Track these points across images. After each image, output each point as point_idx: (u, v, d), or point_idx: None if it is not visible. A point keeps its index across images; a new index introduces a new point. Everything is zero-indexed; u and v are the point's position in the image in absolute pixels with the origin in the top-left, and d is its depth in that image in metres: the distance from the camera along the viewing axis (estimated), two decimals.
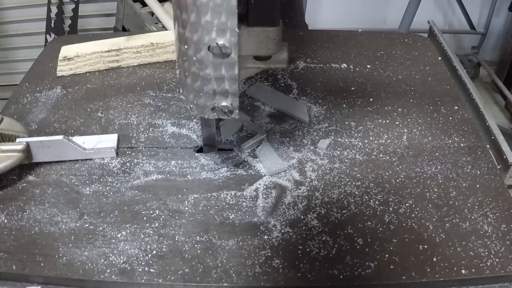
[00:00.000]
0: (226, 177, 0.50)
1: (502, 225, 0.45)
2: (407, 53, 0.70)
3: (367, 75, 0.65)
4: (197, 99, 0.42)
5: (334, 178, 0.50)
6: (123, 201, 0.47)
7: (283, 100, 0.60)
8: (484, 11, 2.06)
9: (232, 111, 0.42)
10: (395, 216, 0.46)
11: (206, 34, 0.38)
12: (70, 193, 0.47)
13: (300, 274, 0.41)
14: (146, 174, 0.50)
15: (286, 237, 0.44)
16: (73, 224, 0.44)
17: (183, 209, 0.46)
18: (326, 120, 0.57)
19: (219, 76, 0.40)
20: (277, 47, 0.43)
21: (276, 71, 0.65)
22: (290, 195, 0.48)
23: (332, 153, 0.53)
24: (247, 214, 0.46)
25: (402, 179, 0.50)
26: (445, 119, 0.58)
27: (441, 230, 0.44)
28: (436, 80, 0.65)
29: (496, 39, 2.18)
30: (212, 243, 0.43)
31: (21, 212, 0.45)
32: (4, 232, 0.43)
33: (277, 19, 0.41)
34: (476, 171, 0.51)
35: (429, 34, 0.75)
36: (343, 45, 0.71)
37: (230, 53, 0.39)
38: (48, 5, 1.47)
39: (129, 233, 0.44)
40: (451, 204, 0.47)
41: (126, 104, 0.59)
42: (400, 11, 1.72)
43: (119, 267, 0.41)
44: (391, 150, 0.53)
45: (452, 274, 0.41)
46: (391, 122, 0.57)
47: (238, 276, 0.40)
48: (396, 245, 0.43)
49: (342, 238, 0.44)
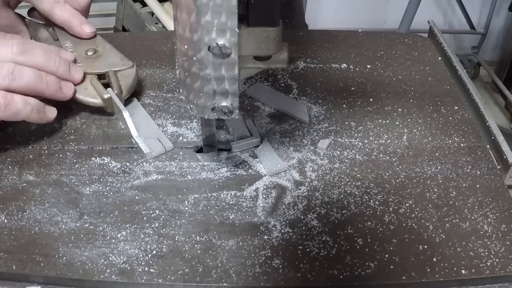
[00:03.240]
0: (226, 177, 0.50)
1: (502, 225, 0.45)
2: (407, 53, 0.70)
3: (367, 75, 0.65)
4: (197, 99, 0.42)
5: (334, 178, 0.50)
6: (123, 201, 0.47)
7: (283, 100, 0.60)
8: (484, 11, 2.06)
9: (232, 111, 0.42)
10: (395, 216, 0.46)
11: (206, 34, 0.38)
12: (70, 193, 0.47)
13: (300, 274, 0.41)
14: (146, 174, 0.50)
15: (286, 237, 0.44)
16: (73, 224, 0.44)
17: (183, 209, 0.46)
18: (326, 120, 0.57)
19: (219, 76, 0.40)
20: (277, 47, 0.43)
21: (276, 71, 0.65)
22: (290, 195, 0.48)
23: (332, 153, 0.53)
24: (247, 214, 0.46)
25: (402, 179, 0.50)
26: (445, 119, 0.58)
27: (441, 230, 0.44)
28: (436, 80, 0.65)
29: (496, 39, 2.18)
30: (212, 243, 0.43)
31: (21, 212, 0.45)
32: (4, 232, 0.44)
33: (277, 19, 0.41)
34: (476, 171, 0.51)
35: (429, 34, 0.75)
36: (343, 45, 0.71)
37: (230, 53, 0.39)
38: None
39: (129, 233, 0.44)
40: (451, 204, 0.47)
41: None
42: (400, 11, 1.72)
43: (119, 267, 0.41)
44: (391, 150, 0.53)
45: (452, 274, 0.41)
46: (391, 122, 0.57)
47: (238, 276, 0.40)
48: (396, 245, 0.43)
49: (342, 238, 0.44)
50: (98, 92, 0.55)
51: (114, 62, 0.58)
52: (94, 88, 0.55)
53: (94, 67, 0.57)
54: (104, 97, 0.54)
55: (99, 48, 0.59)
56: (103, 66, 0.57)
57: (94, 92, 0.55)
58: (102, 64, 0.57)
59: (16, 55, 0.49)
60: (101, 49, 0.59)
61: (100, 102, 0.55)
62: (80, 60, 0.57)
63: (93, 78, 0.56)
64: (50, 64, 0.51)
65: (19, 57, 0.49)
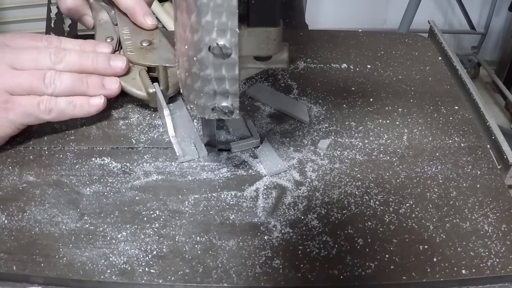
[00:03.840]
0: (227, 178, 0.50)
1: (502, 225, 0.45)
2: (408, 53, 0.70)
3: (368, 75, 0.65)
4: (198, 99, 0.42)
5: (335, 178, 0.50)
6: (123, 202, 0.47)
7: (283, 100, 0.60)
8: (484, 11, 2.06)
9: (233, 112, 0.42)
10: (396, 216, 0.46)
11: (206, 34, 0.38)
12: (70, 194, 0.47)
13: (300, 275, 0.41)
14: (146, 174, 0.50)
15: (287, 237, 0.44)
16: (74, 224, 0.44)
17: (183, 209, 0.46)
18: (326, 120, 0.57)
19: (219, 76, 0.40)
20: (278, 48, 0.43)
21: (276, 71, 0.65)
22: (290, 196, 0.48)
23: (332, 153, 0.53)
24: (247, 214, 0.46)
25: (403, 179, 0.50)
26: (446, 119, 0.58)
27: (441, 230, 0.44)
28: (436, 80, 0.65)
29: (496, 39, 2.18)
30: (212, 243, 0.43)
31: (21, 212, 0.45)
32: (5, 232, 0.44)
33: (277, 19, 0.41)
34: (477, 171, 0.51)
35: (430, 34, 0.75)
36: (343, 45, 0.71)
37: (230, 53, 0.39)
38: (48, 5, 1.46)
39: (130, 234, 0.44)
40: (451, 204, 0.47)
41: (127, 104, 0.59)
42: (400, 11, 1.72)
43: (119, 267, 0.41)
44: (392, 150, 0.53)
45: (453, 274, 0.41)
46: (392, 122, 0.57)
47: (239, 277, 0.40)
48: (397, 245, 0.43)
49: (342, 238, 0.44)
50: (144, 85, 0.54)
51: (167, 57, 0.57)
52: (142, 80, 0.55)
53: (146, 59, 0.56)
54: (149, 91, 0.54)
55: (155, 40, 0.59)
56: (154, 59, 0.56)
57: (140, 84, 0.55)
58: (154, 57, 0.57)
59: (55, 63, 0.52)
60: (157, 42, 0.58)
61: (145, 95, 0.54)
62: (133, 49, 0.57)
63: (142, 70, 0.55)
64: (88, 64, 0.54)
65: (57, 65, 0.52)
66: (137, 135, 0.55)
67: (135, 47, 0.58)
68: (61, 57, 0.52)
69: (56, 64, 0.52)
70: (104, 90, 0.54)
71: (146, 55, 0.57)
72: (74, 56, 0.53)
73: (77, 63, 0.53)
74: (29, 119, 0.51)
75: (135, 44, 0.58)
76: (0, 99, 0.49)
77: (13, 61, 0.51)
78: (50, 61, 0.52)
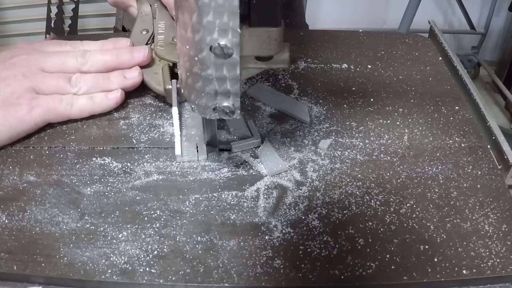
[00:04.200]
0: (227, 178, 0.50)
1: (503, 225, 0.45)
2: (408, 53, 0.70)
3: (368, 75, 0.66)
4: (199, 99, 0.42)
5: (335, 178, 0.50)
6: (124, 202, 0.47)
7: (284, 101, 0.60)
8: (484, 11, 2.06)
9: (234, 112, 0.42)
10: (396, 216, 0.46)
11: (208, 34, 0.38)
12: (71, 194, 0.47)
13: (301, 275, 0.41)
14: (147, 174, 0.50)
15: (287, 237, 0.44)
16: (74, 224, 0.44)
17: (184, 209, 0.46)
18: (327, 121, 0.57)
19: (220, 76, 0.40)
20: (279, 48, 0.43)
21: (277, 72, 0.65)
22: (291, 196, 0.48)
23: (333, 153, 0.53)
24: (248, 214, 0.46)
25: (403, 179, 0.50)
26: (446, 119, 0.58)
27: (442, 231, 0.44)
28: (436, 80, 0.65)
29: (496, 39, 2.19)
30: (213, 243, 0.43)
31: (22, 212, 0.45)
32: (5, 232, 0.43)
33: (279, 19, 0.41)
34: (477, 171, 0.51)
35: (430, 34, 0.75)
36: (343, 45, 0.71)
37: (232, 53, 0.39)
38: (48, 5, 1.47)
39: (130, 234, 0.44)
40: (452, 204, 0.47)
41: (127, 104, 0.59)
42: (400, 11, 1.72)
43: (120, 267, 0.41)
44: (392, 150, 0.53)
45: (453, 274, 0.41)
46: (392, 122, 0.57)
47: (239, 277, 0.40)
48: (397, 245, 0.43)
49: (343, 238, 0.44)
50: (164, 80, 0.55)
51: None
52: (163, 75, 0.55)
53: (172, 55, 0.56)
54: (166, 87, 0.54)
55: None
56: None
57: (160, 79, 0.55)
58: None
59: (80, 64, 0.56)
60: None
61: (162, 90, 0.55)
62: (164, 44, 0.57)
63: (165, 66, 0.56)
64: (112, 60, 0.56)
65: (83, 67, 0.56)
66: (137, 135, 0.55)
67: (166, 42, 0.58)
68: (86, 58, 0.55)
69: (82, 66, 0.55)
70: (125, 81, 0.56)
71: (173, 51, 0.57)
72: (98, 55, 0.56)
73: (101, 61, 0.56)
74: (51, 115, 0.53)
75: (167, 39, 0.58)
76: (28, 96, 0.52)
77: (43, 64, 0.55)
78: (76, 63, 0.55)
